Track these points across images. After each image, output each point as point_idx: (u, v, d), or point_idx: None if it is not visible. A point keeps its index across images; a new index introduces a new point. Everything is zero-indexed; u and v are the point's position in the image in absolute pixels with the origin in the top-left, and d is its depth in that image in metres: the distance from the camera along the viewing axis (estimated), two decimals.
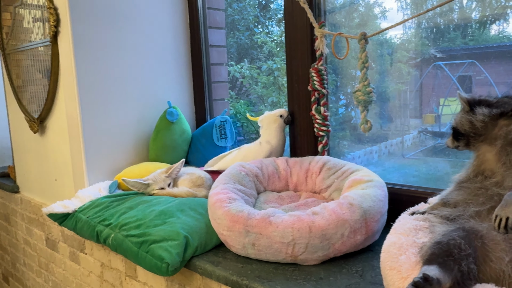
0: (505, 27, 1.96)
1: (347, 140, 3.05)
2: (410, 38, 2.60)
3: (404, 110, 3.05)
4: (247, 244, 1.09)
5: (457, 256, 0.69)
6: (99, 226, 1.36)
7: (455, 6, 2.17)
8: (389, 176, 2.85)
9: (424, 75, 2.78)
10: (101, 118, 1.67)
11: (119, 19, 1.70)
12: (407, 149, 3.14)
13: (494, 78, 2.26)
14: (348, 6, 2.68)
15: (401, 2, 2.59)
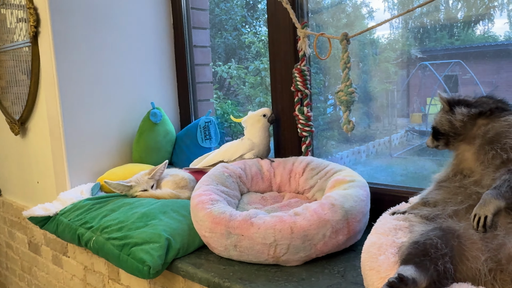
0: (490, 27, 1.98)
1: (335, 139, 3.06)
2: (397, 38, 2.61)
3: (392, 109, 3.07)
4: (229, 245, 1.08)
5: (434, 256, 0.70)
6: (81, 229, 1.34)
7: (441, 6, 2.19)
8: (376, 175, 2.87)
9: (411, 75, 2.80)
10: (83, 119, 1.65)
11: (101, 19, 1.68)
12: (395, 148, 3.16)
13: (479, 78, 2.28)
14: (335, 6, 2.69)
15: (388, 2, 2.61)
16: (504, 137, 0.84)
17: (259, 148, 1.50)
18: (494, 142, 0.85)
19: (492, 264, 0.71)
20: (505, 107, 0.91)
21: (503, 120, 0.86)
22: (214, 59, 4.85)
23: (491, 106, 0.91)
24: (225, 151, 1.51)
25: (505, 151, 0.82)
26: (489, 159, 0.85)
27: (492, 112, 0.90)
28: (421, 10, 2.28)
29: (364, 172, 3.04)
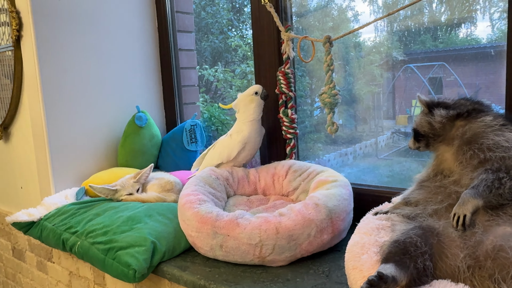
0: (473, 30, 2.01)
1: (322, 142, 3.09)
2: (382, 41, 2.64)
3: (378, 111, 3.11)
4: (215, 245, 1.09)
5: (413, 254, 0.71)
6: (65, 234, 1.33)
7: (425, 9, 2.23)
8: (364, 177, 2.90)
9: (396, 77, 2.84)
10: (67, 123, 1.64)
11: (85, 23, 1.68)
12: (381, 150, 3.20)
13: (463, 80, 2.32)
14: (321, 9, 2.72)
15: (373, 5, 2.64)
16: (481, 138, 0.86)
17: (251, 136, 1.42)
18: (471, 143, 0.87)
19: (471, 261, 0.73)
20: (482, 109, 0.93)
21: (479, 121, 0.89)
22: (201, 62, 4.85)
23: (469, 107, 0.93)
24: (219, 154, 1.44)
25: (482, 151, 0.85)
26: (467, 159, 0.87)
27: (470, 114, 0.92)
28: (405, 13, 2.32)
29: (351, 174, 3.06)
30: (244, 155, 1.44)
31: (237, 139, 1.42)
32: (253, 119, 1.42)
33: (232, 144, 1.42)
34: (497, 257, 0.70)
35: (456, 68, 2.36)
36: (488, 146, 0.84)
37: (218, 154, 1.44)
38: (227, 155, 1.43)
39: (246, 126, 1.42)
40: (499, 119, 0.89)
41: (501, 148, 0.83)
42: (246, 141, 1.41)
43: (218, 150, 1.45)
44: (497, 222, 0.77)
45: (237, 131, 1.43)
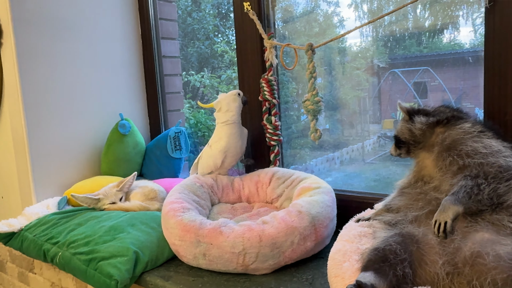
0: (456, 35, 2.04)
1: (309, 147, 3.10)
2: (367, 47, 2.67)
3: (364, 116, 3.14)
4: (198, 254, 1.08)
5: (393, 261, 0.72)
6: (46, 245, 1.30)
7: (409, 15, 2.26)
8: (350, 181, 2.92)
9: (381, 82, 2.87)
10: (49, 131, 1.61)
11: (67, 30, 1.66)
12: (368, 154, 3.22)
13: (447, 84, 2.35)
14: (307, 15, 2.74)
15: (358, 11, 2.67)
16: (459, 144, 0.87)
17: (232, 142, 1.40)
18: (451, 149, 0.88)
19: (450, 267, 0.73)
20: (461, 116, 0.95)
21: (458, 128, 0.90)
22: (187, 68, 4.84)
23: (448, 114, 0.95)
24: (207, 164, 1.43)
25: (461, 157, 0.86)
26: (447, 165, 0.88)
27: (449, 121, 0.94)
28: (390, 19, 2.35)
29: (338, 179, 3.07)
30: (229, 161, 1.44)
31: (217, 149, 1.41)
32: (233, 121, 1.40)
33: (214, 154, 1.42)
34: (475, 264, 0.71)
35: (440, 72, 2.39)
36: (466, 153, 0.85)
37: (205, 165, 1.44)
38: (214, 165, 1.43)
39: (225, 131, 1.40)
40: (477, 126, 0.90)
41: (479, 154, 0.84)
42: (226, 149, 1.40)
43: (204, 160, 1.45)
44: (476, 228, 0.78)
45: (216, 140, 1.42)
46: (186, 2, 5.07)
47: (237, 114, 1.41)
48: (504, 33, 1.01)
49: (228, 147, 1.40)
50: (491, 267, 0.69)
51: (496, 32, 1.03)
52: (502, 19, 1.01)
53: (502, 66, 1.03)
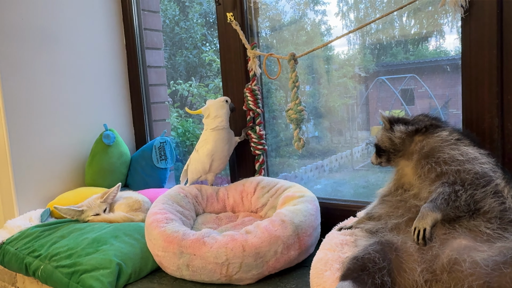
0: (442, 43, 2.06)
1: (298, 155, 3.10)
2: (355, 54, 2.69)
3: (353, 123, 3.15)
4: (181, 265, 1.07)
5: (372, 270, 0.72)
6: (28, 258, 1.29)
7: (395, 23, 2.29)
8: (339, 188, 2.92)
9: (369, 89, 2.89)
10: (32, 142, 1.60)
11: (49, 41, 1.65)
12: (357, 161, 3.23)
13: (433, 91, 2.38)
14: (294, 23, 2.76)
15: (345, 20, 2.70)
16: (437, 152, 0.89)
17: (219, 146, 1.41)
18: (429, 157, 0.89)
19: (428, 275, 0.74)
20: (439, 124, 0.96)
21: (436, 136, 0.92)
22: (176, 77, 4.83)
23: (426, 123, 0.96)
24: (195, 169, 1.45)
25: (438, 165, 0.87)
26: (425, 172, 0.89)
27: (427, 129, 0.95)
28: (377, 27, 2.38)
29: (328, 186, 3.08)
30: (216, 165, 1.45)
31: (204, 153, 1.42)
32: (222, 127, 1.41)
33: (202, 159, 1.43)
34: (452, 270, 0.72)
35: (427, 79, 2.42)
36: (444, 160, 0.87)
37: (194, 170, 1.46)
38: (202, 169, 1.44)
39: (212, 136, 1.41)
40: (455, 134, 0.91)
41: (456, 161, 0.85)
42: (213, 153, 1.42)
43: (193, 166, 1.46)
44: (453, 235, 0.79)
45: (203, 145, 1.44)
46: (174, 12, 5.08)
47: (225, 120, 1.42)
48: (480, 43, 1.04)
49: (215, 151, 1.41)
50: (467, 273, 0.70)
51: (472, 42, 1.05)
52: (477, 29, 1.03)
53: (479, 74, 1.05)
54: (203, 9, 5.06)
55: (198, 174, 1.46)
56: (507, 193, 0.81)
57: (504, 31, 1.01)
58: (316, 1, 2.76)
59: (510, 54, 1.01)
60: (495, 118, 1.04)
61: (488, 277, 0.68)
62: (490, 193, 0.81)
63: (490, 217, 0.79)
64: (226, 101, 1.43)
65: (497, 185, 0.82)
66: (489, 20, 1.01)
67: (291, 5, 2.74)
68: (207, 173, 1.46)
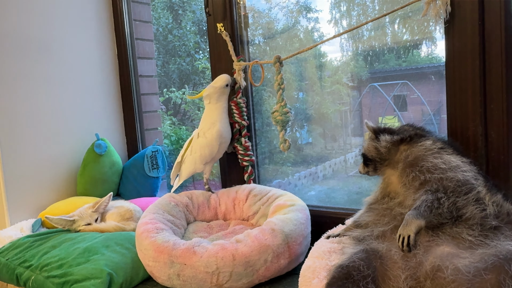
0: (434, 49, 2.09)
1: (291, 161, 3.12)
2: (348, 61, 2.71)
3: (346, 129, 3.17)
4: (172, 274, 1.08)
5: (356, 278, 0.74)
6: (19, 269, 1.28)
7: (388, 30, 2.31)
8: (333, 194, 2.94)
9: (361, 96, 2.91)
10: (23, 152, 1.60)
11: (40, 51, 1.66)
12: (350, 167, 3.25)
13: (425, 97, 2.41)
14: (287, 31, 2.78)
15: (338, 27, 2.72)
16: (421, 160, 0.91)
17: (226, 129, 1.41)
18: (413, 165, 0.91)
19: (412, 282, 0.75)
20: (423, 134, 0.99)
21: (420, 145, 0.94)
22: (169, 85, 4.85)
23: (411, 133, 0.99)
24: (201, 156, 1.40)
25: (422, 173, 0.89)
26: (410, 181, 0.91)
27: (412, 138, 0.97)
28: (369, 34, 2.41)
29: (321, 192, 3.08)
30: (221, 149, 1.42)
31: (213, 135, 1.38)
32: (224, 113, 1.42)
33: (210, 142, 1.39)
34: (435, 277, 0.73)
35: (419, 86, 2.44)
36: (427, 168, 0.89)
37: (199, 157, 1.40)
38: (210, 153, 1.40)
39: (216, 119, 1.40)
40: (438, 143, 0.94)
41: (439, 169, 0.88)
42: (221, 133, 1.40)
43: (197, 153, 1.40)
44: (437, 242, 0.80)
45: (209, 127, 1.40)
46: (167, 20, 5.10)
47: (227, 106, 1.43)
48: (462, 53, 1.06)
49: (223, 130, 1.40)
50: (449, 280, 0.71)
51: (455, 52, 1.07)
52: (460, 40, 1.06)
53: (462, 84, 1.07)
54: (196, 17, 5.08)
55: (203, 161, 1.40)
56: (488, 200, 0.83)
57: (486, 41, 1.03)
58: (309, 8, 2.79)
59: (492, 64, 1.03)
60: (479, 127, 1.06)
61: (469, 284, 0.69)
62: (472, 200, 0.83)
63: (471, 224, 0.80)
64: (227, 85, 1.41)
65: (479, 192, 0.84)
66: (471, 31, 1.04)
67: (284, 12, 2.76)
68: (207, 163, 1.42)
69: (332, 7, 2.57)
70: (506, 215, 0.82)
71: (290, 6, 2.70)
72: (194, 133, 1.45)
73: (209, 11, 1.49)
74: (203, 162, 1.42)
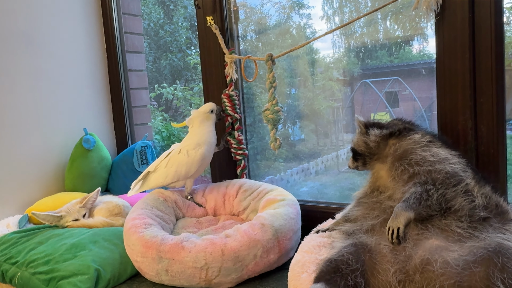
0: (425, 46, 2.09)
1: (283, 157, 3.11)
2: (340, 58, 2.71)
3: (338, 126, 3.17)
4: (160, 270, 1.07)
5: (345, 272, 0.73)
6: (5, 265, 1.26)
7: (380, 26, 2.31)
8: (325, 190, 2.94)
9: (353, 92, 2.91)
10: (9, 148, 1.57)
11: (28, 44, 1.63)
12: (342, 163, 3.25)
13: (417, 94, 2.41)
14: (280, 27, 2.77)
15: (331, 23, 2.72)
16: (409, 154, 0.90)
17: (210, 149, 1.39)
18: (402, 159, 0.91)
19: (401, 275, 0.75)
20: (412, 128, 0.99)
21: (409, 138, 0.94)
22: (160, 81, 4.81)
23: (400, 127, 0.98)
24: (176, 171, 1.36)
25: (411, 166, 0.88)
26: (399, 174, 0.91)
27: (401, 132, 0.97)
28: (361, 31, 2.40)
29: (314, 188, 3.09)
30: (199, 171, 1.39)
31: (196, 156, 1.35)
32: (208, 139, 1.38)
33: (191, 161, 1.35)
34: (424, 271, 0.73)
35: (411, 82, 2.45)
36: (416, 161, 0.88)
37: (173, 172, 1.36)
38: (186, 172, 1.36)
39: (203, 141, 1.37)
40: (427, 137, 0.93)
41: (428, 162, 0.87)
42: (204, 157, 1.37)
43: (173, 168, 1.36)
44: (426, 235, 0.80)
45: (194, 147, 1.36)
46: (158, 15, 5.06)
47: (211, 131, 1.39)
48: (452, 47, 1.06)
49: (206, 155, 1.37)
50: (439, 273, 0.71)
51: (445, 45, 1.07)
52: (450, 33, 1.05)
53: (453, 78, 1.07)
54: (187, 12, 5.05)
55: (174, 178, 1.37)
56: (476, 192, 0.83)
57: (476, 35, 1.03)
58: (301, 4, 2.77)
59: (482, 58, 1.03)
60: (468, 121, 1.06)
61: (458, 277, 0.69)
62: (460, 192, 0.82)
63: (460, 215, 0.80)
64: (212, 111, 1.39)
65: (467, 184, 0.84)
66: (461, 24, 1.03)
67: (276, 8, 2.75)
68: (187, 178, 1.40)
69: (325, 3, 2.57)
70: (495, 207, 0.82)
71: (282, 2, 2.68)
72: (174, 146, 1.40)
73: (198, 3, 1.48)
74: (174, 179, 1.37)
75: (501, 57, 1.01)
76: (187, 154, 1.36)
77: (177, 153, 1.38)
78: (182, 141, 1.41)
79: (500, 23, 1.00)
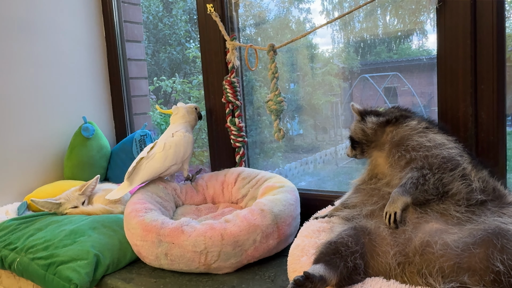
0: (424, 42, 2.09)
1: (282, 151, 3.12)
2: (339, 53, 2.71)
3: (337, 120, 3.17)
4: (160, 254, 1.07)
5: (344, 253, 0.73)
6: (4, 251, 1.26)
7: (379, 22, 2.31)
8: (324, 185, 2.95)
9: (352, 87, 2.91)
10: (8, 135, 1.57)
11: (25, 32, 1.62)
12: (341, 158, 3.26)
13: (416, 89, 2.41)
14: (279, 20, 2.77)
15: (330, 18, 2.70)
16: (406, 140, 0.91)
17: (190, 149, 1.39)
18: (399, 145, 0.92)
19: (401, 257, 0.75)
20: (408, 115, 0.99)
21: (405, 125, 0.94)
22: (159, 73, 4.80)
23: (397, 114, 0.99)
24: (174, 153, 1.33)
25: (407, 152, 0.89)
26: (396, 160, 0.91)
27: (398, 120, 0.97)
28: (361, 26, 2.40)
29: (312, 183, 3.09)
30: (191, 155, 1.40)
31: (190, 137, 1.37)
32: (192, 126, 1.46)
33: (186, 141, 1.35)
34: (424, 253, 0.73)
35: (410, 78, 2.45)
36: (413, 147, 0.89)
37: (172, 153, 1.32)
38: (184, 152, 1.35)
39: (189, 128, 1.43)
40: (423, 123, 0.94)
41: (424, 147, 0.88)
42: (193, 141, 1.41)
43: (172, 149, 1.33)
44: (426, 219, 0.80)
45: (186, 131, 1.38)
46: (157, 8, 5.04)
47: (191, 127, 1.45)
48: (454, 33, 1.05)
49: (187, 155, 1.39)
50: (438, 255, 0.71)
51: (446, 32, 1.07)
52: (452, 20, 1.05)
53: (453, 64, 1.07)
54: (187, 5, 5.03)
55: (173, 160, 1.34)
56: (474, 176, 0.84)
57: (477, 21, 1.03)
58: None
59: (483, 44, 1.03)
60: (469, 107, 1.06)
61: (458, 258, 0.69)
62: (457, 177, 0.83)
63: (458, 199, 0.81)
64: (196, 108, 1.47)
65: (464, 169, 0.84)
66: (463, 10, 1.03)
67: (276, 2, 2.74)
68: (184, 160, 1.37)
69: None
70: (492, 191, 0.83)
71: None
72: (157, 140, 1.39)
73: None
74: (173, 161, 1.33)
75: (502, 43, 1.01)
76: (183, 135, 1.37)
77: (170, 136, 1.37)
78: (171, 127, 1.42)
79: (502, 8, 1.00)
